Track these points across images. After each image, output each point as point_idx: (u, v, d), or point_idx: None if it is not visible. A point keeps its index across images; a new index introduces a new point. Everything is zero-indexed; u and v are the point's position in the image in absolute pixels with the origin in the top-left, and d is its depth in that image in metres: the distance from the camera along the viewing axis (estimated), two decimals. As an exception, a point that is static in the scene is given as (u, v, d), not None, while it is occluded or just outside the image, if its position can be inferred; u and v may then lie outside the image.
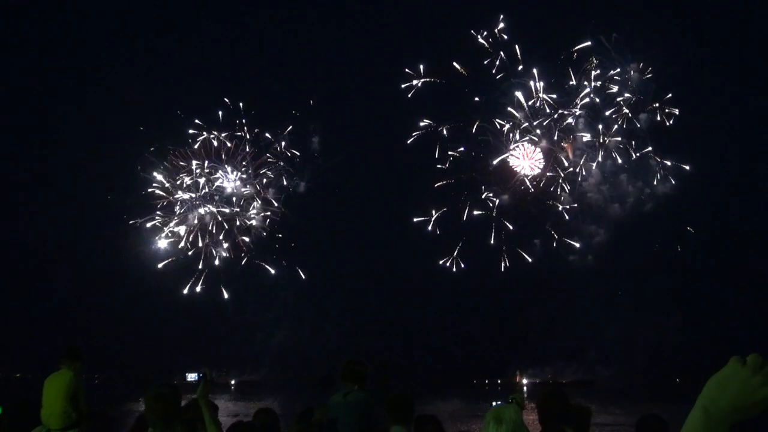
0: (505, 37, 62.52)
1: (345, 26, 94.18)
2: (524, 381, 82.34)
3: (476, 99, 62.95)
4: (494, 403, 5.32)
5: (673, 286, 67.64)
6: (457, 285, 68.49)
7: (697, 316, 67.93)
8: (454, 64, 63.51)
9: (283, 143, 66.82)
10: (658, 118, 61.32)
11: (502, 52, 62.42)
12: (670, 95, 61.04)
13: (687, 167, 61.83)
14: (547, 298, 69.32)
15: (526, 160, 62.47)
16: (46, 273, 75.56)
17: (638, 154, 62.62)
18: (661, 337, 66.57)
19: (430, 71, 64.28)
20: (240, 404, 44.94)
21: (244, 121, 65.95)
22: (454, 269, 64.94)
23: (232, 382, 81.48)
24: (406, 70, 64.11)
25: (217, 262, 65.36)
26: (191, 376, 69.66)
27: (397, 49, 74.50)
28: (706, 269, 68.54)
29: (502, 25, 62.71)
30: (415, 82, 64.01)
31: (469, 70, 63.58)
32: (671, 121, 61.10)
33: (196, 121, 65.73)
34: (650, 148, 61.99)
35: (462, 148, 63.89)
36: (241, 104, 66.52)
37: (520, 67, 62.16)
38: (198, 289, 64.63)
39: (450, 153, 64.20)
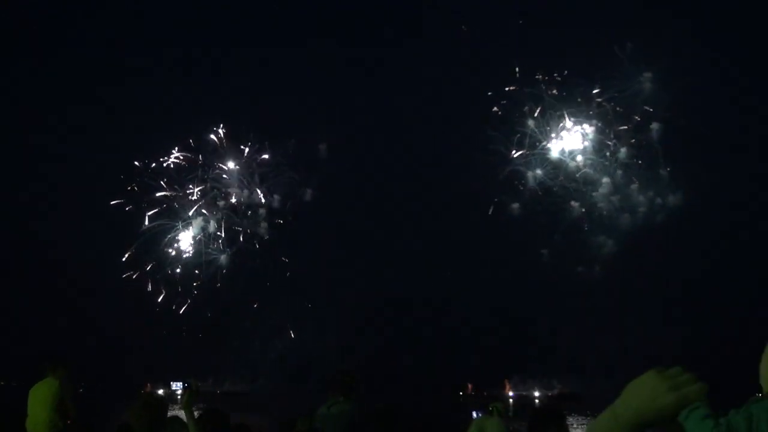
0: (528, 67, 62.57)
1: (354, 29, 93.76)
2: (510, 393, 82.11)
3: (494, 109, 63.00)
4: (475, 414, 5.37)
5: (676, 299, 67.49)
6: (461, 294, 68.73)
7: (698, 331, 67.65)
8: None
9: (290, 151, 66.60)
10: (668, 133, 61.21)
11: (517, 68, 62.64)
12: (684, 106, 61.04)
13: (696, 180, 61.97)
14: (551, 308, 69.16)
15: None
16: (32, 277, 74.97)
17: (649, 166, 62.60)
18: (661, 351, 66.26)
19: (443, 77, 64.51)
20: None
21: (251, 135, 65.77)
22: (459, 278, 65.31)
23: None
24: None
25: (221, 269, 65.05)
26: (175, 385, 68.91)
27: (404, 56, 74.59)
28: (710, 284, 68.19)
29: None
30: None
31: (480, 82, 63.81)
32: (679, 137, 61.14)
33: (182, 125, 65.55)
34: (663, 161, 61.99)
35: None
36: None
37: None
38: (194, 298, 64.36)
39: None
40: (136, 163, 64.09)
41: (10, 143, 78.69)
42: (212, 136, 65.29)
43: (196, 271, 65.19)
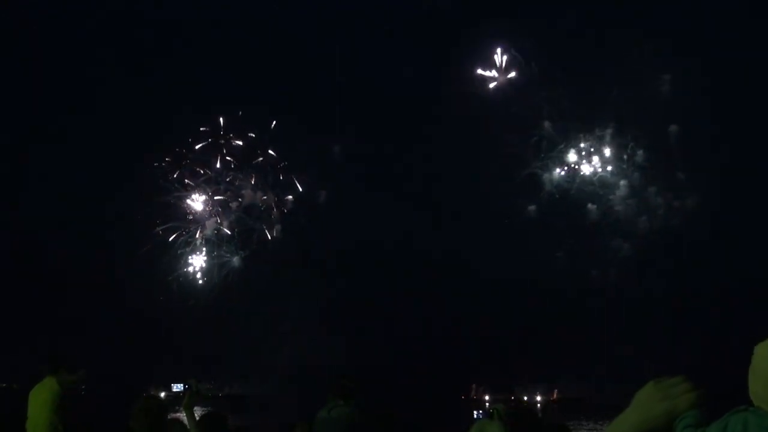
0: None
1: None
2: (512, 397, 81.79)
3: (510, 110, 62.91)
4: (476, 413, 5.35)
5: (691, 303, 66.91)
6: (468, 297, 68.49)
7: (714, 336, 66.84)
8: (480, 71, 63.73)
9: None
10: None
11: (532, 64, 62.56)
12: (702, 109, 60.77)
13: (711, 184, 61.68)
14: (562, 312, 68.67)
15: None
16: (35, 280, 74.96)
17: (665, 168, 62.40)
18: (675, 356, 65.57)
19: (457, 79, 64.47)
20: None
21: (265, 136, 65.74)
22: (468, 281, 65.16)
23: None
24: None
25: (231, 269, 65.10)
26: (176, 387, 68.97)
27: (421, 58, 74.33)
28: (725, 288, 67.33)
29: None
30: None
31: (494, 82, 63.76)
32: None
33: (203, 128, 65.45)
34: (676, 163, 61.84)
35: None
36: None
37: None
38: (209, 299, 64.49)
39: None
40: (147, 167, 64.31)
41: (11, 146, 78.68)
42: (223, 141, 65.49)
43: (205, 278, 65.33)
